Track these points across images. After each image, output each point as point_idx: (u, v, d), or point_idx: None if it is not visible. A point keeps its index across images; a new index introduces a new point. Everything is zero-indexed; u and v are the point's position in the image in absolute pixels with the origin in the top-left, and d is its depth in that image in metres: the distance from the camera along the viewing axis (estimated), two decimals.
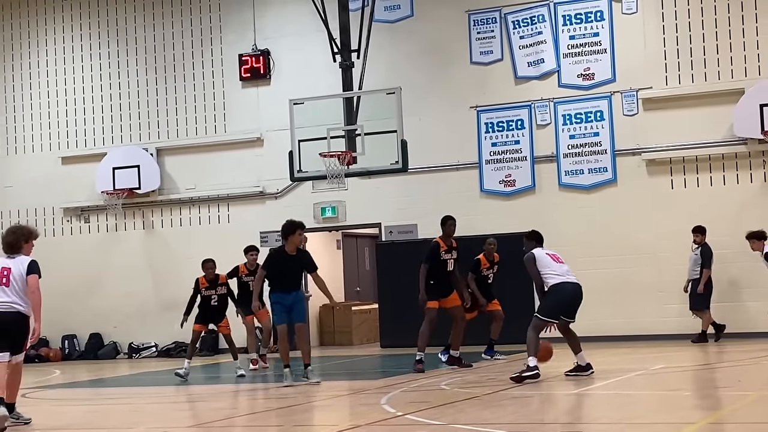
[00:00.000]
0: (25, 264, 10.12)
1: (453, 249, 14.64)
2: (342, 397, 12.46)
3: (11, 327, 9.99)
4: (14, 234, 10.39)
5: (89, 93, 22.31)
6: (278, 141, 20.00)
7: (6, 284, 9.97)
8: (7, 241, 10.34)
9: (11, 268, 10.05)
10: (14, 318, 9.98)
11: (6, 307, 9.96)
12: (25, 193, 22.50)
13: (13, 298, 9.98)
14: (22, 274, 10.03)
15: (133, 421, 10.76)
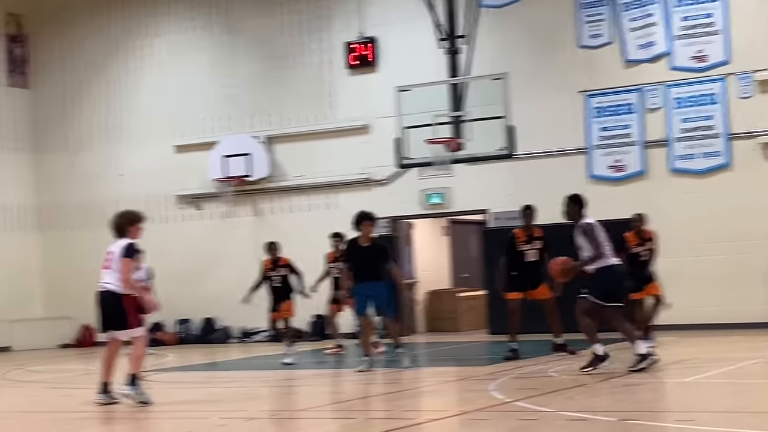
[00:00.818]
0: (121, 247, 10.67)
1: (535, 239, 14.24)
2: (450, 383, 12.51)
3: (105, 306, 10.69)
4: (120, 218, 10.97)
5: (201, 82, 22.74)
6: (385, 128, 20.08)
7: (108, 266, 10.66)
8: (114, 224, 10.90)
9: (114, 251, 10.70)
10: (107, 297, 10.64)
11: (101, 287, 10.68)
12: (140, 181, 23.07)
13: (108, 279, 10.65)
14: (117, 257, 10.64)
15: (245, 403, 10.98)
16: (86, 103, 23.73)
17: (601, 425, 8.35)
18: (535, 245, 14.21)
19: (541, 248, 14.18)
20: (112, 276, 10.66)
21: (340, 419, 9.58)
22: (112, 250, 10.75)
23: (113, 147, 23.53)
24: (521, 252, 14.30)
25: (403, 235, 21.53)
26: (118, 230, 10.87)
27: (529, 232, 14.37)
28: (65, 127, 23.92)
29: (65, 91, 23.91)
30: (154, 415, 10.52)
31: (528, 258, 14.25)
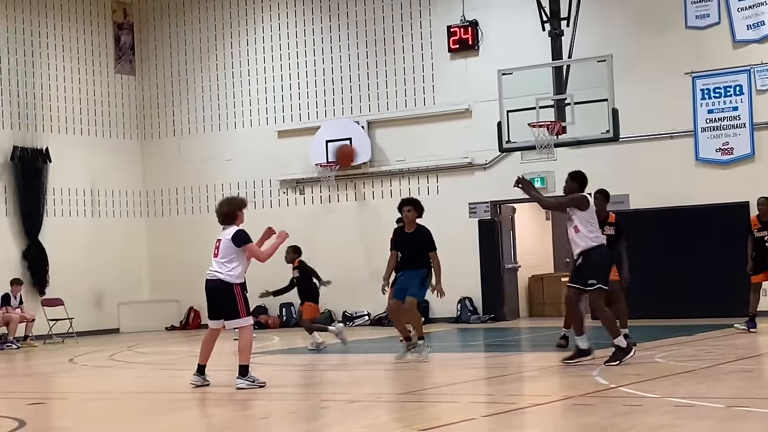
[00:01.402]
0: (231, 235, 10.69)
1: (609, 224, 13.76)
2: (553, 368, 12.40)
3: (215, 295, 10.73)
4: (229, 204, 10.95)
5: (303, 68, 22.92)
6: (487, 112, 19.97)
7: (216, 255, 10.69)
8: (222, 212, 10.88)
9: (222, 240, 10.73)
10: (217, 286, 10.67)
11: (210, 276, 10.72)
12: (243, 166, 23.39)
13: (216, 268, 10.68)
14: (229, 244, 10.63)
15: (347, 386, 11.07)
16: (191, 90, 24.13)
17: (708, 411, 8.19)
18: (609, 230, 13.75)
19: (613, 234, 13.70)
20: (221, 265, 10.70)
21: (443, 403, 9.57)
22: (220, 238, 10.81)
23: (217, 133, 23.88)
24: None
25: (506, 220, 21.41)
26: (227, 217, 10.88)
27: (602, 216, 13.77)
28: (171, 114, 24.38)
29: (171, 78, 24.36)
30: (258, 396, 10.67)
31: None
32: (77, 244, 22.74)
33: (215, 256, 10.75)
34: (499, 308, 20.88)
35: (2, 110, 21.84)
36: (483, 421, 8.46)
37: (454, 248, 21.01)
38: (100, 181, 23.61)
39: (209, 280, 10.79)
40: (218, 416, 9.53)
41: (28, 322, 20.24)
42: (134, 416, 9.81)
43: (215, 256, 10.75)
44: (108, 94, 23.99)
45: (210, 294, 10.82)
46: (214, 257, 10.76)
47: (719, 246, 18.68)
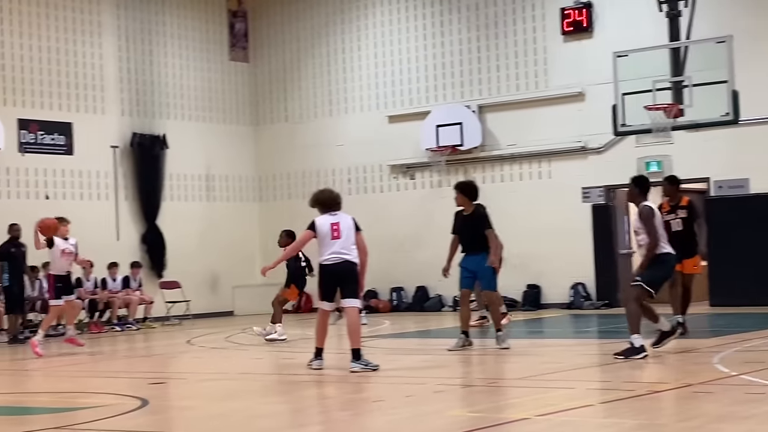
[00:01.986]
0: (350, 219, 11.03)
1: (679, 208, 13.62)
2: (671, 355, 12.18)
3: (341, 276, 10.91)
4: (334, 193, 11.40)
5: (414, 53, 22.92)
6: (600, 95, 19.68)
7: (338, 237, 10.82)
8: (334, 198, 11.25)
9: (340, 222, 10.94)
10: (346, 267, 10.91)
11: (336, 258, 10.84)
12: (354, 152, 23.53)
13: (339, 249, 10.91)
14: (350, 227, 10.96)
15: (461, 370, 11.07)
16: (304, 76, 24.36)
17: None
18: (680, 214, 13.60)
19: (684, 218, 13.57)
20: (346, 247, 10.93)
21: (559, 389, 9.50)
22: (337, 221, 11.00)
23: (328, 118, 24.06)
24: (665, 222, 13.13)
25: (620, 205, 21.09)
26: (338, 204, 11.24)
27: (673, 201, 13.73)
28: (284, 100, 24.65)
29: (284, 64, 24.62)
30: (372, 379, 10.75)
31: (673, 228, 13.34)
32: (193, 229, 23.21)
33: (336, 239, 10.91)
34: (613, 294, 20.60)
35: (122, 98, 22.38)
36: (600, 407, 8.38)
37: (567, 234, 20.86)
38: (215, 167, 24.04)
39: (335, 263, 10.91)
40: (334, 398, 9.64)
41: (147, 304, 20.76)
42: (252, 396, 9.98)
43: (335, 238, 10.91)
44: (222, 81, 24.38)
45: (334, 276, 10.95)
46: (335, 239, 10.91)
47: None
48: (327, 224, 11.04)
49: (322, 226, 11.05)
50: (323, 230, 11.02)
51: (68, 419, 8.81)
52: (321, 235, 11.03)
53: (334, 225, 11.00)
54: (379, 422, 8.00)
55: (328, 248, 10.97)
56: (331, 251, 10.94)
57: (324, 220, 11.11)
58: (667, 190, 13.90)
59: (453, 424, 7.70)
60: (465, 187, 13.40)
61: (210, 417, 8.72)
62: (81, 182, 21.58)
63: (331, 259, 10.96)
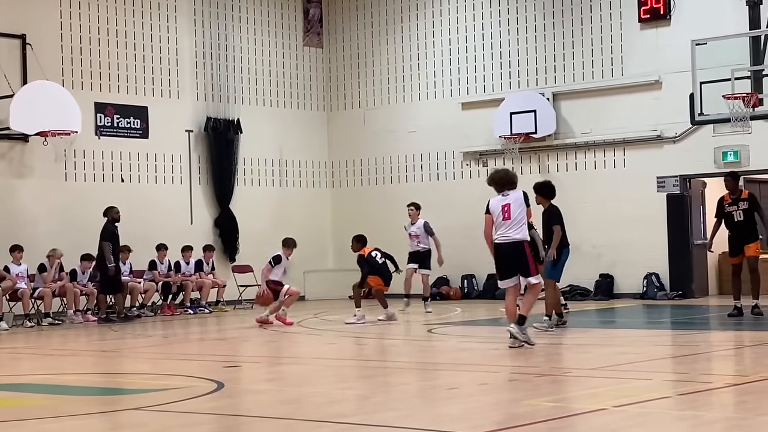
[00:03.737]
0: (521, 195, 11.54)
1: (742, 200, 15.19)
2: (747, 348, 12.03)
3: (515, 254, 11.45)
4: (509, 172, 11.87)
5: (488, 39, 22.80)
6: (677, 83, 19.42)
7: (508, 218, 11.34)
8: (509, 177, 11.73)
9: (511, 203, 11.45)
10: (517, 246, 11.42)
11: (504, 239, 11.43)
12: (426, 138, 23.49)
13: (506, 231, 11.42)
14: (520, 204, 11.47)
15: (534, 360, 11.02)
16: (376, 62, 24.37)
17: None
18: (742, 206, 15.19)
19: (746, 209, 15.15)
20: (511, 227, 11.39)
21: (635, 380, 9.41)
22: (507, 203, 11.46)
23: (401, 104, 24.05)
24: (728, 213, 15.33)
25: (696, 195, 20.80)
26: (512, 183, 11.65)
27: (733, 195, 15.29)
28: (356, 86, 24.70)
29: (357, 50, 24.67)
30: (446, 367, 10.76)
31: (736, 218, 15.23)
32: (265, 213, 23.39)
33: (505, 219, 11.38)
34: (687, 285, 20.34)
35: (197, 82, 22.61)
36: (678, 399, 8.29)
37: (641, 223, 20.64)
38: (288, 152, 24.18)
39: (503, 244, 11.43)
40: (408, 385, 9.66)
41: (219, 288, 20.98)
42: (327, 382, 10.04)
43: (505, 219, 11.38)
44: (296, 67, 24.50)
45: (503, 256, 11.48)
46: (504, 220, 11.39)
47: None
48: (498, 206, 11.49)
49: (494, 209, 11.52)
50: (495, 212, 11.51)
51: (143, 400, 8.94)
52: (494, 215, 11.56)
53: (504, 206, 11.45)
54: (454, 410, 8.00)
55: (499, 228, 11.49)
56: (500, 232, 11.48)
57: (496, 201, 11.57)
58: (729, 185, 15.45)
59: (530, 413, 7.67)
60: (539, 187, 14.23)
61: (284, 401, 8.79)
62: (156, 166, 21.85)
63: (499, 239, 11.50)
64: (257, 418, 8.03)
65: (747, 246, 15.18)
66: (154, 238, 20.30)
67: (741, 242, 15.29)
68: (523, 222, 11.49)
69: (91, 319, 18.43)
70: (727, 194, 15.52)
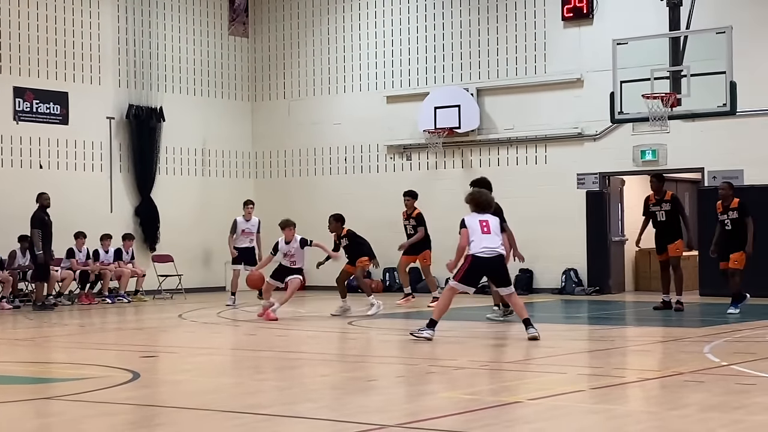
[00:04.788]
0: (496, 219, 12.24)
1: (663, 201, 15.82)
2: (661, 343, 12.26)
3: (497, 267, 12.10)
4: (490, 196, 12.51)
5: (414, 34, 22.87)
6: (599, 82, 19.70)
7: (488, 231, 12.00)
8: (488, 202, 12.38)
9: (490, 221, 12.11)
10: (500, 260, 12.12)
11: (490, 252, 11.97)
12: (351, 131, 23.50)
13: (491, 244, 11.98)
14: (497, 224, 12.16)
15: (454, 353, 11.10)
16: (302, 53, 24.30)
17: None
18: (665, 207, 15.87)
19: (668, 210, 15.83)
20: (495, 241, 11.97)
21: (550, 373, 9.54)
22: (486, 220, 12.04)
23: (327, 96, 24.02)
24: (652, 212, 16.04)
25: (614, 192, 21.13)
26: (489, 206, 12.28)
27: (657, 196, 15.94)
28: (282, 77, 24.60)
29: (283, 41, 24.57)
30: (364, 359, 10.79)
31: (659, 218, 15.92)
32: (187, 203, 23.20)
33: (486, 233, 11.93)
34: (604, 281, 20.68)
35: (119, 69, 22.30)
36: (591, 393, 8.42)
37: (561, 219, 20.90)
38: (211, 141, 24.00)
39: (491, 257, 11.94)
40: (327, 376, 9.66)
41: (138, 277, 20.76)
42: (244, 372, 10.01)
43: (486, 233, 11.93)
44: (221, 56, 24.32)
45: (490, 267, 12.02)
46: (485, 233, 11.92)
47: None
48: (476, 221, 12.04)
49: (472, 224, 12.03)
50: (473, 226, 12.01)
51: (58, 390, 8.82)
52: (472, 230, 12.00)
53: (483, 221, 12.02)
54: (371, 402, 8.03)
55: (482, 242, 11.91)
56: (484, 245, 11.91)
57: (473, 218, 12.12)
58: (654, 185, 16.04)
59: (446, 406, 7.74)
60: (477, 183, 14.33)
61: (201, 392, 8.74)
62: (75, 153, 21.53)
63: (484, 252, 11.89)
64: (173, 409, 7.97)
65: (669, 246, 15.83)
66: (73, 226, 20.00)
67: (664, 242, 15.93)
68: (501, 237, 12.13)
69: (6, 307, 18.12)
70: (652, 194, 16.11)
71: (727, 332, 12.72)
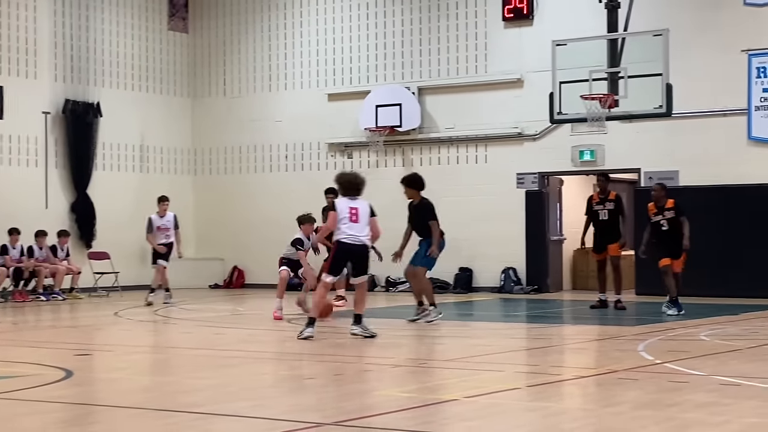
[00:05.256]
0: (368, 206, 12.02)
1: (607, 201, 16.11)
2: (596, 341, 12.38)
3: (361, 256, 11.99)
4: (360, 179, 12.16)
5: (355, 32, 22.85)
6: (538, 82, 19.83)
7: (356, 221, 11.72)
8: (358, 184, 12.09)
9: (360, 208, 11.90)
10: (364, 249, 11.99)
11: (356, 240, 11.85)
12: (292, 128, 23.41)
13: (357, 232, 11.86)
14: (366, 213, 11.94)
15: (391, 351, 11.10)
16: (243, 50, 24.16)
17: (756, 391, 8.13)
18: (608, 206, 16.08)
19: (610, 209, 16.05)
20: (363, 230, 11.88)
21: (487, 371, 9.57)
22: (356, 206, 11.85)
23: (267, 94, 23.91)
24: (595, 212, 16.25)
25: (553, 192, 21.30)
26: (360, 190, 12.04)
27: (601, 195, 16.20)
28: (222, 73, 24.42)
29: (224, 37, 24.39)
30: (303, 357, 10.75)
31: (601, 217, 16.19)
32: (124, 199, 22.93)
33: (354, 222, 11.79)
34: (542, 280, 20.84)
35: (56, 63, 21.99)
36: (527, 390, 8.47)
37: (500, 218, 21.02)
38: (150, 138, 23.76)
39: (356, 244, 11.83)
40: (264, 374, 9.61)
41: (74, 275, 20.48)
42: (180, 371, 9.92)
43: (354, 221, 11.79)
44: (160, 51, 24.08)
45: (353, 255, 11.93)
46: (353, 222, 11.79)
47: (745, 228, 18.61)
48: (346, 207, 11.90)
49: (342, 209, 11.89)
50: (342, 213, 11.87)
51: None
52: (341, 215, 11.86)
53: (352, 209, 11.85)
54: (307, 400, 8.00)
55: (349, 229, 11.80)
56: (350, 233, 11.79)
57: (343, 203, 11.97)
58: (600, 185, 16.28)
59: (383, 404, 7.73)
60: (410, 180, 14.43)
61: (135, 390, 8.64)
62: (10, 147, 21.18)
63: (349, 239, 11.81)
64: (106, 407, 7.87)
65: (609, 246, 16.06)
66: (7, 222, 19.68)
67: (604, 241, 16.12)
68: (368, 228, 11.95)
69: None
70: (596, 193, 16.35)
71: (662, 331, 12.87)
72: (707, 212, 19.06)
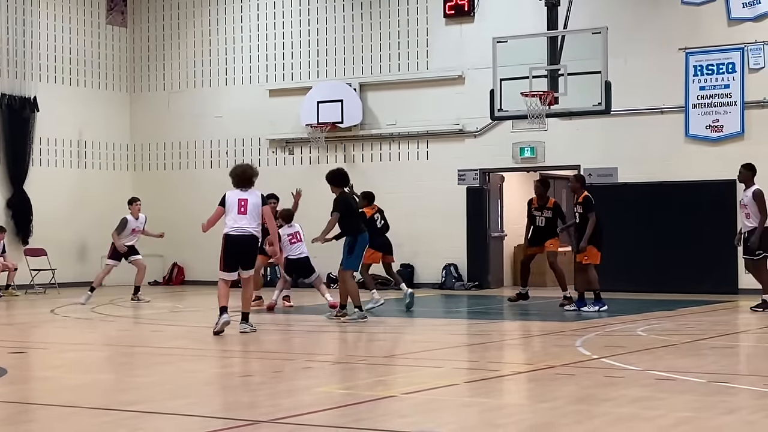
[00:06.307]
0: (259, 196, 11.93)
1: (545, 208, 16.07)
2: (535, 337, 12.47)
3: (246, 247, 11.84)
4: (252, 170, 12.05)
5: (297, 27, 22.76)
6: (480, 79, 19.91)
7: (244, 212, 11.62)
8: (248, 175, 11.94)
9: (248, 199, 11.78)
10: (250, 240, 11.83)
11: (241, 231, 11.75)
12: (233, 124, 23.26)
13: (245, 224, 11.76)
14: (258, 203, 11.81)
15: (331, 348, 11.07)
16: (183, 44, 23.95)
17: (690, 386, 8.23)
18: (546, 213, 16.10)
19: (549, 217, 16.09)
20: (250, 221, 11.77)
21: (427, 368, 9.59)
22: (245, 198, 11.74)
23: (207, 89, 23.72)
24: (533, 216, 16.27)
25: (494, 188, 21.40)
26: (250, 181, 11.93)
27: (540, 201, 16.16)
28: (161, 68, 24.20)
29: (163, 32, 24.17)
30: (241, 354, 10.69)
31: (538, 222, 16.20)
32: (62, 195, 22.63)
33: (242, 213, 11.68)
34: (483, 276, 20.94)
35: None
36: (465, 386, 8.49)
37: (441, 214, 21.08)
38: (88, 133, 23.46)
39: (241, 235, 11.72)
40: (200, 372, 9.53)
41: (10, 271, 20.16)
42: (116, 369, 9.81)
43: (242, 213, 11.68)
44: (98, 45, 23.79)
45: (239, 247, 11.77)
46: (241, 214, 11.69)
47: (705, 223, 18.79)
48: (236, 199, 11.79)
49: (231, 202, 11.77)
50: (231, 204, 11.75)
51: None
52: (229, 208, 11.78)
53: (242, 201, 11.74)
54: (245, 397, 7.94)
55: (237, 221, 11.72)
56: (238, 225, 11.72)
57: (234, 195, 11.85)
58: (538, 190, 16.25)
59: (321, 400, 7.70)
60: (329, 177, 14.29)
61: (70, 388, 8.53)
62: None
63: (234, 230, 11.75)
64: (40, 406, 7.75)
65: (546, 243, 16.14)
66: None
67: (540, 240, 16.23)
68: (259, 220, 11.85)
69: None
70: (536, 198, 16.28)
71: (599, 326, 12.99)
72: (645, 208, 19.31)
